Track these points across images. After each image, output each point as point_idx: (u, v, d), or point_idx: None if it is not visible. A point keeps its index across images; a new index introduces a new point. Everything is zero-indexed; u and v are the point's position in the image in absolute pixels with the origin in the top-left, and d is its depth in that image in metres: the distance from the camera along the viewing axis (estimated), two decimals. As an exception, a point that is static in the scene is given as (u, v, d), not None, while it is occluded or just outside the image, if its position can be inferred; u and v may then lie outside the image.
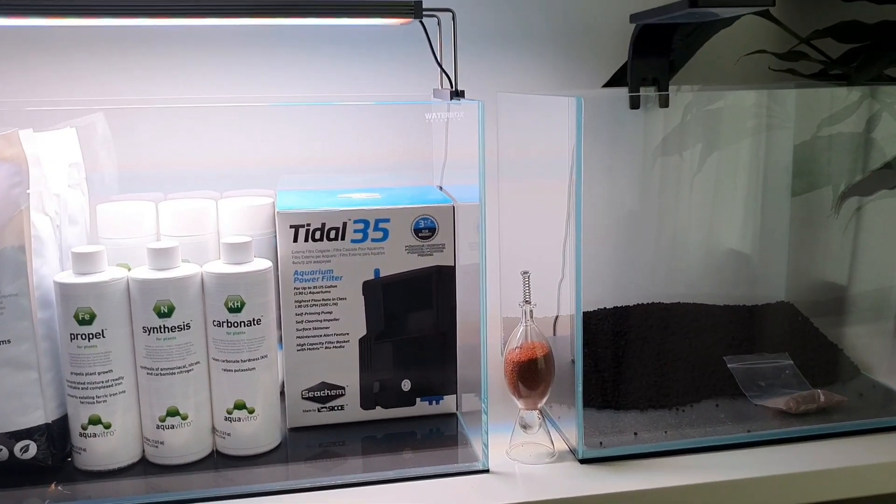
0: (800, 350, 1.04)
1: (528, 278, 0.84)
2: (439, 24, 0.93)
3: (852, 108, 1.08)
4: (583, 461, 0.84)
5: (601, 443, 0.86)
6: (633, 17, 1.02)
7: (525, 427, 0.85)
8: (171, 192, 1.01)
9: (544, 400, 0.85)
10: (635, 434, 0.88)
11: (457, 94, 0.87)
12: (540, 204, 1.10)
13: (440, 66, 0.92)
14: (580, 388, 0.84)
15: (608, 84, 1.13)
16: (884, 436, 0.88)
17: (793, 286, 1.18)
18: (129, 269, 0.83)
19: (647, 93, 1.08)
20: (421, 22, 0.90)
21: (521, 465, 0.83)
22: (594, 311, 1.13)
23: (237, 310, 0.82)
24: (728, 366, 1.00)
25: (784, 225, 1.18)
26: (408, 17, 0.83)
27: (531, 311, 0.84)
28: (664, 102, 1.08)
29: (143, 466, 0.83)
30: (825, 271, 1.16)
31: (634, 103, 1.09)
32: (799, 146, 1.14)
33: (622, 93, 1.10)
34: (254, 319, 0.82)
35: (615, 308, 1.12)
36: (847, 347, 1.06)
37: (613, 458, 0.84)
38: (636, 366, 1.00)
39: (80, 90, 1.06)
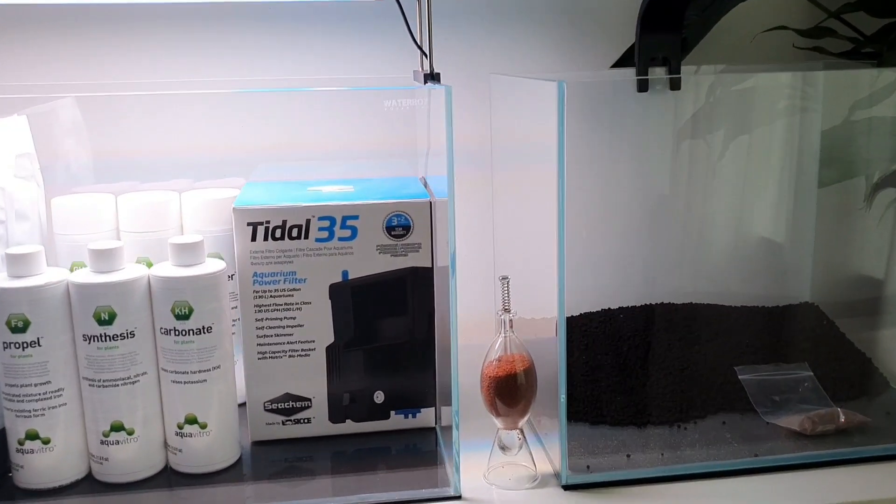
0: (822, 359, 0.94)
1: (507, 284, 0.75)
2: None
3: (888, 89, 0.97)
4: (566, 487, 0.76)
5: (588, 466, 0.78)
6: (638, -10, 0.92)
7: (503, 448, 0.76)
8: (147, 181, 0.94)
9: (525, 418, 0.77)
10: (628, 456, 0.79)
11: (431, 77, 0.78)
12: (538, 193, 1.01)
13: (418, 46, 0.83)
14: (564, 405, 0.75)
15: (617, 64, 1.04)
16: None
17: (818, 286, 1.08)
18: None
19: (656, 75, 0.98)
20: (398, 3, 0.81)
21: (498, 491, 0.75)
22: (597, 311, 1.04)
23: (185, 317, 0.74)
24: (739, 377, 0.90)
25: (810, 218, 1.07)
26: (375, -9, 0.74)
27: (510, 319, 0.75)
28: (676, 85, 0.98)
29: (89, 484, 0.77)
30: (855, 270, 1.05)
31: (643, 86, 0.98)
32: (827, 132, 1.03)
33: (631, 74, 1.00)
34: (204, 327, 0.75)
35: (619, 309, 1.03)
36: (877, 356, 0.96)
37: (601, 485, 0.76)
38: (637, 376, 0.91)
39: (41, 74, 0.99)
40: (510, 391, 0.75)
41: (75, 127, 0.97)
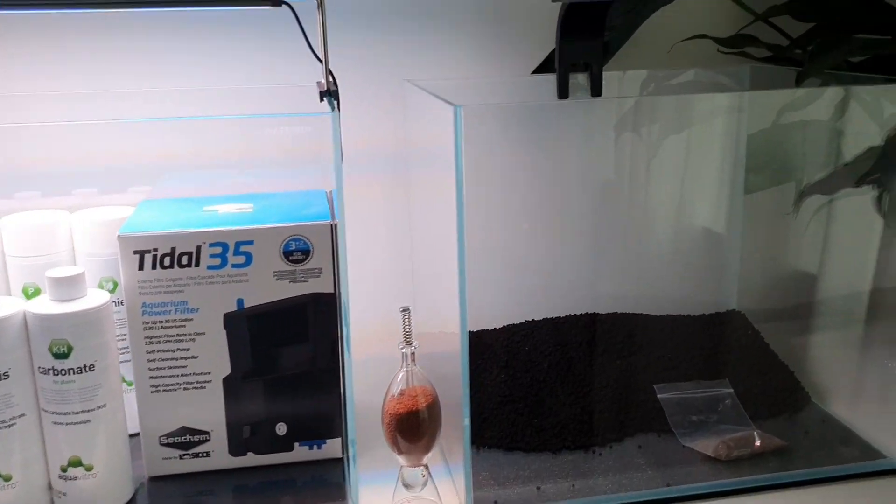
0: (745, 373, 0.92)
1: (408, 315, 0.71)
2: (321, 7, 0.79)
3: (814, 94, 0.94)
4: (473, 525, 0.73)
5: (495, 501, 0.74)
6: (558, -7, 0.88)
7: (406, 486, 0.73)
8: (48, 193, 0.89)
9: (429, 454, 0.73)
10: (538, 488, 0.76)
11: (329, 93, 0.73)
12: (448, 204, 0.98)
13: (319, 58, 0.78)
14: (468, 430, 0.72)
15: (538, 70, 0.99)
16: (824, 488, 0.76)
17: (745, 293, 1.06)
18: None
19: (577, 80, 0.95)
20: (289, 6, 0.76)
21: (403, 529, 0.72)
22: (520, 323, 1.01)
23: (64, 355, 0.70)
24: (658, 396, 0.87)
25: (737, 224, 1.05)
26: (265, 3, 0.69)
27: (413, 353, 0.72)
28: (597, 90, 0.94)
29: (-33, 532, 0.72)
30: (782, 276, 1.03)
31: (563, 92, 0.94)
32: (753, 137, 1.00)
33: (552, 79, 0.96)
34: (85, 366, 0.70)
35: (543, 320, 1.00)
36: (800, 368, 0.94)
37: (511, 522, 0.73)
38: (556, 395, 0.88)
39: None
40: (412, 428, 0.71)
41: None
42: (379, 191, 1.01)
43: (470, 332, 1.00)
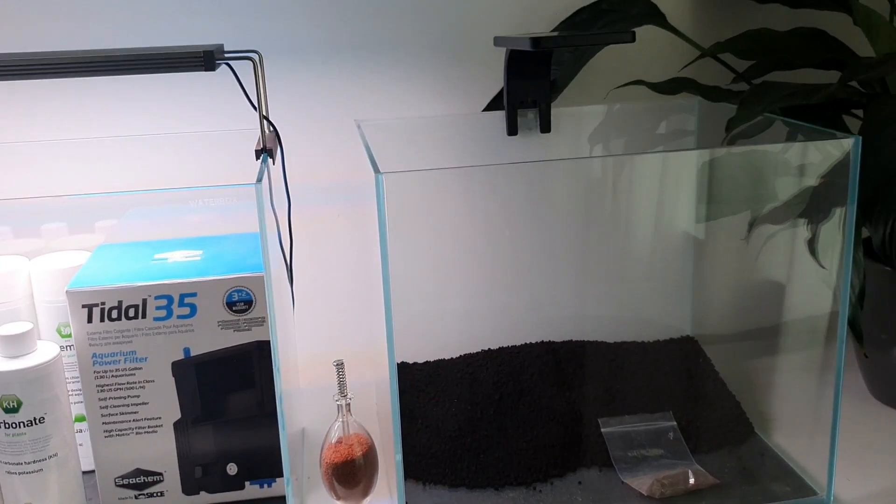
0: (692, 403, 0.95)
1: (341, 369, 0.74)
2: (259, 64, 0.81)
3: (762, 124, 0.95)
4: (410, 567, 0.76)
5: (433, 544, 0.77)
6: (496, 41, 0.90)
7: (346, 529, 0.76)
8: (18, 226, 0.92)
9: (368, 499, 0.76)
10: (475, 529, 0.79)
11: (265, 151, 0.76)
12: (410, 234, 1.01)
13: (263, 116, 0.80)
14: (400, 465, 0.74)
15: (490, 107, 1.01)
16: (754, 528, 0.78)
17: (700, 319, 1.07)
18: None
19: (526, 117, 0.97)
20: (229, 66, 0.78)
21: (341, 570, 0.75)
22: (476, 352, 1.04)
23: (14, 410, 0.73)
24: (602, 430, 0.90)
25: (690, 250, 1.07)
26: (198, 69, 0.71)
27: (347, 404, 0.74)
28: (545, 127, 0.96)
29: (-70, 574, 0.76)
30: (734, 304, 1.05)
31: (512, 129, 0.97)
32: (703, 167, 1.01)
33: (503, 116, 0.98)
34: (35, 419, 0.74)
35: (500, 349, 1.02)
36: (748, 398, 0.96)
37: (445, 562, 0.76)
38: (506, 428, 0.90)
39: None
40: (348, 475, 0.74)
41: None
42: (341, 222, 1.04)
43: (427, 361, 1.03)
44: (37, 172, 1.00)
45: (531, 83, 0.94)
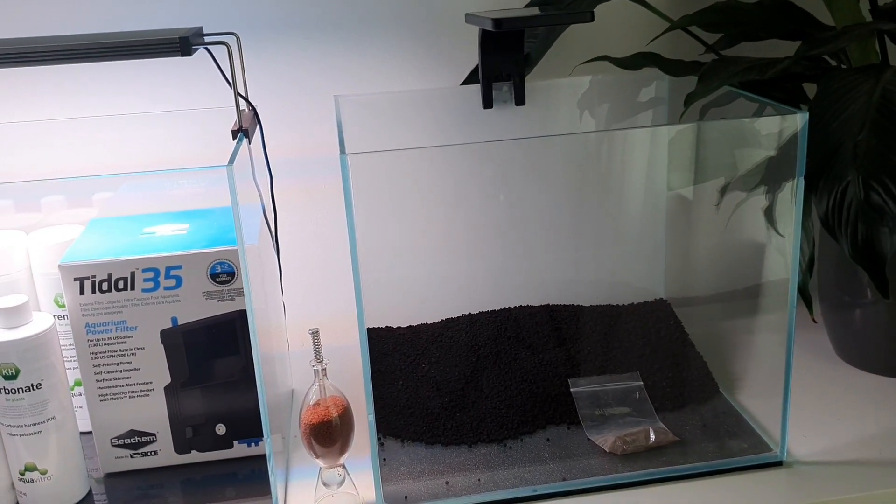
0: (659, 364, 0.99)
1: (317, 336, 0.79)
2: (236, 47, 0.84)
3: (727, 97, 0.98)
4: (382, 518, 0.81)
5: (406, 497, 0.83)
6: (467, 19, 0.93)
7: (325, 485, 0.82)
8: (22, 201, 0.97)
9: (345, 456, 0.81)
10: (447, 483, 0.84)
11: (242, 131, 0.80)
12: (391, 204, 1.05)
13: (241, 96, 0.84)
14: (373, 426, 0.79)
15: (466, 81, 1.04)
16: (707, 481, 0.83)
17: (672, 282, 1.11)
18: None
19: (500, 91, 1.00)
20: (208, 50, 0.82)
21: (321, 523, 0.81)
22: (457, 317, 1.08)
23: (13, 377, 0.78)
24: (571, 390, 0.95)
25: (661, 216, 1.10)
26: (174, 55, 0.75)
27: (324, 369, 0.79)
28: (520, 100, 0.99)
29: (-58, 527, 0.82)
30: (705, 267, 1.09)
31: (487, 102, 1.00)
32: (674, 137, 1.04)
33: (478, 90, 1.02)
34: (33, 385, 0.79)
35: (480, 313, 1.07)
36: (716, 359, 1.01)
37: (416, 514, 0.81)
38: (481, 388, 0.95)
39: None
40: (325, 435, 0.79)
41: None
42: (327, 194, 1.08)
43: (410, 326, 1.08)
44: (35, 150, 1.04)
45: (505, 57, 0.97)
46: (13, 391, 0.79)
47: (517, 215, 1.08)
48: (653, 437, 0.87)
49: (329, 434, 0.79)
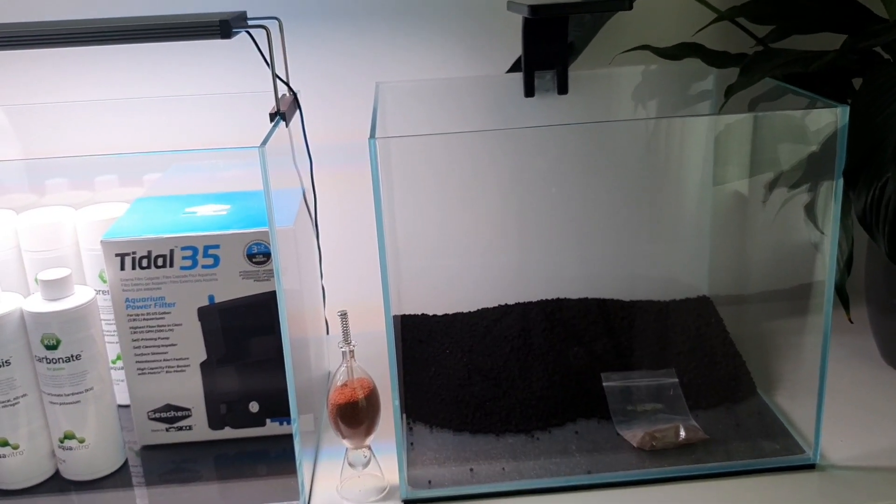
0: (697, 361, 0.97)
1: (345, 319, 0.80)
2: (277, 32, 0.86)
3: (777, 91, 0.96)
4: (406, 502, 0.82)
5: (430, 481, 0.83)
6: (509, 6, 0.93)
7: (351, 465, 0.83)
8: (76, 178, 1.01)
9: (371, 438, 0.82)
10: (471, 470, 0.85)
11: (279, 114, 0.81)
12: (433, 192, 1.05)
13: (281, 80, 0.85)
14: (398, 416, 0.80)
15: (512, 69, 1.04)
16: (735, 481, 0.81)
17: (716, 279, 1.09)
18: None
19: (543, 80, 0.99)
20: (249, 34, 0.83)
21: (345, 503, 0.82)
22: (493, 307, 1.09)
23: (54, 347, 0.81)
24: (603, 384, 0.94)
25: (706, 211, 1.08)
26: (214, 37, 0.77)
27: (351, 351, 0.80)
28: (563, 89, 0.99)
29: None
30: (749, 265, 1.07)
31: (529, 91, 1.00)
32: (720, 130, 1.03)
33: (521, 78, 1.01)
34: (73, 356, 0.82)
35: (516, 304, 1.07)
36: (756, 358, 0.99)
37: (440, 500, 0.82)
38: (512, 378, 0.95)
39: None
40: (352, 416, 0.80)
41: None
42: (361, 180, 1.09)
43: (446, 314, 1.08)
44: (94, 129, 1.07)
45: (548, 46, 0.97)
46: (54, 361, 0.82)
47: (558, 205, 1.07)
48: (683, 434, 0.85)
49: (355, 415, 0.80)
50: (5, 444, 0.84)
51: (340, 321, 0.80)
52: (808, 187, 0.83)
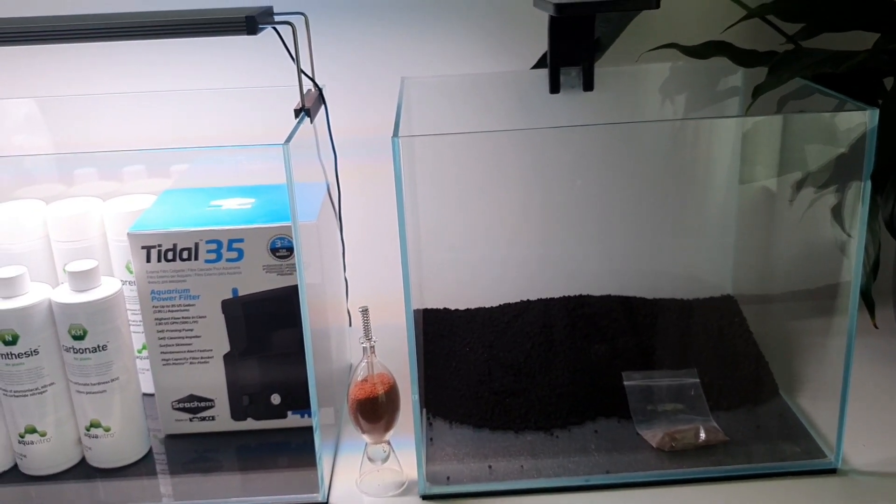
0: (719, 361, 0.97)
1: (366, 315, 0.80)
2: (304, 27, 0.86)
3: (806, 90, 0.95)
4: (425, 497, 0.82)
5: (448, 477, 0.84)
6: (535, 2, 0.92)
7: (371, 460, 0.83)
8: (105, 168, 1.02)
9: (390, 433, 0.83)
10: (490, 467, 0.85)
11: (304, 111, 0.82)
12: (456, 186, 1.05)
13: (306, 75, 0.86)
14: (417, 410, 0.80)
15: (538, 65, 1.04)
16: (755, 483, 0.81)
17: (741, 279, 1.09)
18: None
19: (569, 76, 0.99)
20: (276, 30, 0.84)
21: (366, 498, 0.83)
22: (515, 303, 1.09)
23: (80, 337, 0.83)
24: (624, 383, 0.94)
25: (732, 209, 1.07)
26: (240, 33, 0.77)
27: (372, 346, 0.81)
28: (588, 85, 0.98)
29: (15, 475, 0.88)
30: (775, 265, 1.06)
31: (555, 87, 0.99)
32: (747, 129, 1.02)
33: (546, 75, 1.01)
34: (99, 346, 0.83)
35: (538, 300, 1.07)
36: (779, 358, 0.98)
37: (458, 496, 0.82)
38: (533, 375, 0.95)
39: None
40: (371, 411, 0.81)
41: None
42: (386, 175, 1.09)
43: (468, 308, 1.09)
44: (124, 120, 1.09)
45: (574, 42, 0.96)
46: (80, 351, 0.83)
47: (583, 202, 1.07)
48: (703, 435, 0.85)
49: (374, 410, 0.81)
50: (33, 430, 0.85)
51: (361, 317, 0.80)
52: (835, 189, 0.82)
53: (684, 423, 0.88)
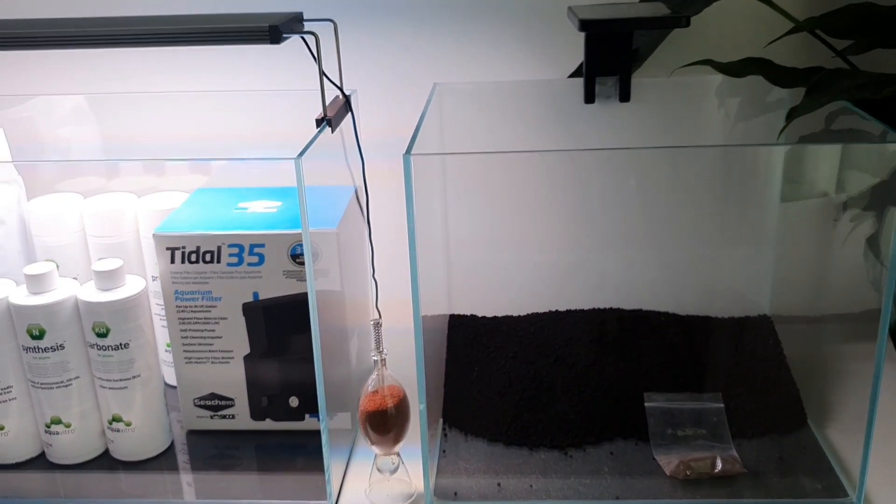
0: (749, 385, 0.94)
1: (378, 328, 0.80)
2: (332, 35, 0.86)
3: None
4: (432, 511, 0.82)
5: (456, 493, 0.84)
6: (568, 14, 0.90)
7: (379, 471, 0.84)
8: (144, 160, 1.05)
9: (399, 445, 0.83)
10: (498, 484, 0.84)
11: (325, 120, 0.82)
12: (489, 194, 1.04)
13: (333, 83, 0.86)
14: (424, 421, 0.80)
15: (575, 74, 1.02)
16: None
17: (778, 299, 1.05)
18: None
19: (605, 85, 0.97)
20: (303, 38, 0.84)
21: (372, 506, 0.83)
22: (543, 313, 1.07)
23: (104, 335, 0.85)
24: (645, 405, 0.92)
25: (772, 228, 1.04)
26: (262, 42, 0.78)
27: (383, 359, 0.81)
28: (625, 96, 0.96)
29: (42, 462, 0.91)
30: (811, 288, 1.02)
31: (590, 97, 0.97)
32: (795, 148, 0.98)
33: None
34: (121, 344, 0.85)
35: (567, 311, 1.05)
36: (811, 385, 0.95)
37: (464, 512, 0.82)
38: (554, 390, 0.94)
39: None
40: (381, 423, 0.81)
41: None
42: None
43: (495, 316, 1.08)
44: (163, 117, 1.10)
45: (611, 52, 0.94)
46: (104, 348, 0.85)
47: (617, 216, 1.05)
48: (719, 465, 0.83)
49: (384, 423, 0.81)
50: (58, 421, 0.88)
51: (373, 330, 0.80)
52: (873, 217, 0.78)
53: (703, 449, 0.86)
